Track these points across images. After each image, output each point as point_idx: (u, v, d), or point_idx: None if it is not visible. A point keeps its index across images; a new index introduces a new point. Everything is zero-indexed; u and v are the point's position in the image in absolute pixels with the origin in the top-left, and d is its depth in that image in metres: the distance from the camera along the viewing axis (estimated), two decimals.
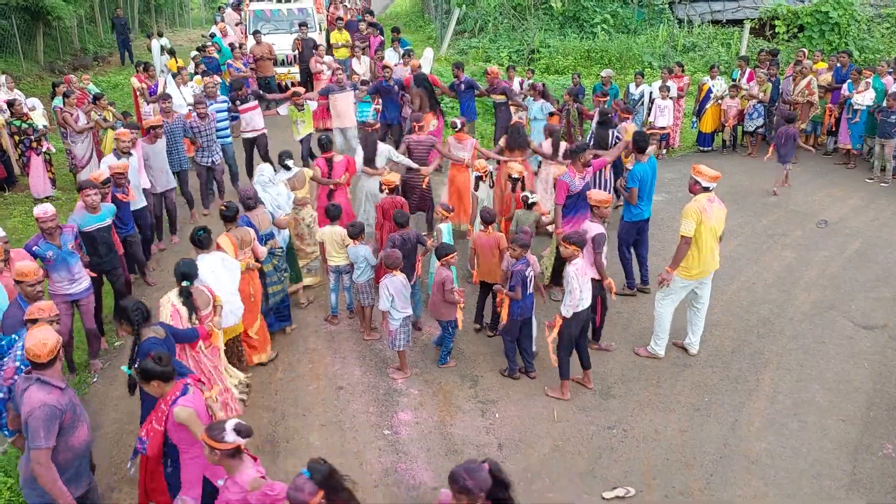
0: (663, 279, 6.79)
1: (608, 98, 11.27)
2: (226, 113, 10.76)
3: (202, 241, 6.20)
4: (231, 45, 15.20)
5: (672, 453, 5.89)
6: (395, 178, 8.04)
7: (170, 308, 5.56)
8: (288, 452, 5.95)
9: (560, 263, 7.57)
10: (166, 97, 9.94)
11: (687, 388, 6.69)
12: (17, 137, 10.86)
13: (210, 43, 14.99)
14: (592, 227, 6.67)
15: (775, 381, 6.78)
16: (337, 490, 3.58)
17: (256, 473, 3.94)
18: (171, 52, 15.38)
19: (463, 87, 11.68)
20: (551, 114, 10.83)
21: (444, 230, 7.51)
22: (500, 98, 11.52)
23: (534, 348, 6.99)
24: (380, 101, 11.80)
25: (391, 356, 7.12)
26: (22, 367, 4.78)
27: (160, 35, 18.24)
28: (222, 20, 16.80)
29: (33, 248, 6.38)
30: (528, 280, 6.49)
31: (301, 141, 11.51)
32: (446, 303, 6.73)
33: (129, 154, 8.49)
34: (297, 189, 8.10)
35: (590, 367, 6.70)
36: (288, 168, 8.19)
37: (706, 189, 6.64)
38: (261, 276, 7.01)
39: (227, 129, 10.78)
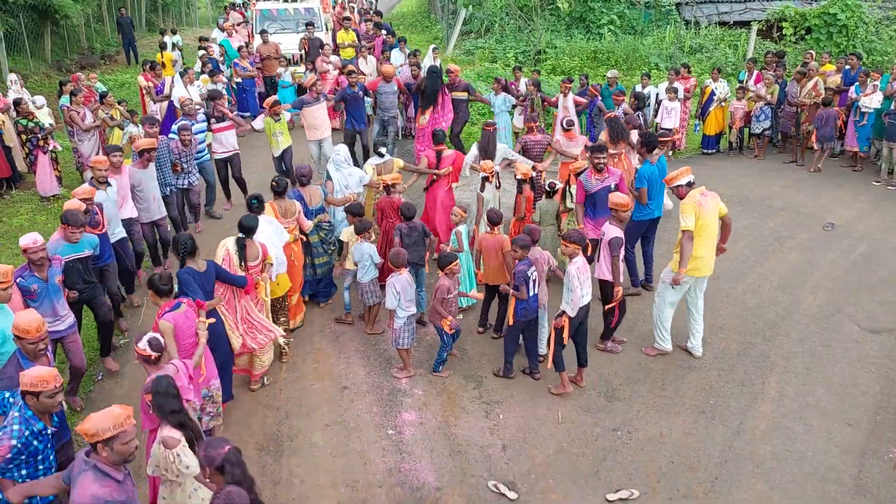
0: (677, 280, 6.76)
1: (623, 98, 11.51)
2: (204, 133, 10.03)
3: (255, 208, 6.91)
4: (238, 47, 15.18)
5: (677, 456, 5.87)
6: (397, 178, 8.06)
7: (223, 252, 6.35)
8: (291, 451, 5.96)
9: None
10: (153, 122, 9.10)
11: (692, 391, 6.67)
12: (24, 136, 10.90)
13: (214, 44, 15.00)
14: (610, 231, 6.70)
15: (781, 384, 6.75)
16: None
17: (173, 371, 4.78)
18: (179, 49, 15.47)
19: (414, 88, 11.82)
20: (514, 105, 11.86)
21: (463, 232, 7.51)
22: (461, 95, 11.77)
23: (541, 349, 6.98)
24: (345, 108, 11.43)
25: (396, 356, 7.11)
26: (18, 444, 4.11)
27: (173, 32, 18.31)
28: (228, 21, 16.76)
29: (18, 280, 5.71)
30: (533, 280, 6.48)
31: (279, 157, 10.70)
32: (448, 310, 6.67)
33: (107, 183, 7.59)
34: (381, 175, 8.39)
35: (586, 364, 6.69)
36: (381, 155, 8.76)
37: (690, 184, 6.81)
38: (307, 247, 7.70)
39: (203, 150, 10.04)
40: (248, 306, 6.39)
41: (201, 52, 14.81)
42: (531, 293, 6.48)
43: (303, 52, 16.00)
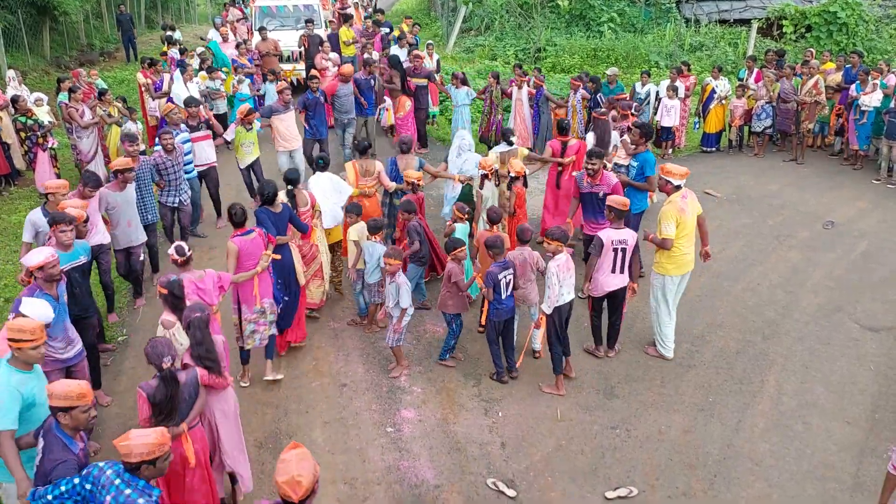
0: (647, 234, 6.88)
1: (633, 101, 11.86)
2: (190, 143, 9.29)
3: (320, 166, 8.11)
4: (237, 44, 15.06)
5: (675, 454, 5.87)
6: (418, 175, 8.11)
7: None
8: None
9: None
10: (133, 139, 8.24)
11: (691, 389, 6.67)
12: (22, 134, 10.85)
13: (204, 48, 14.93)
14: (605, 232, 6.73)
15: (780, 382, 6.75)
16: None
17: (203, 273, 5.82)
18: (172, 42, 15.42)
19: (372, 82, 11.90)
20: (474, 99, 12.31)
21: (459, 230, 7.51)
22: (422, 82, 12.20)
23: (536, 346, 7.07)
24: (306, 115, 10.95)
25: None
26: None
27: (173, 29, 18.27)
28: (223, 24, 16.53)
29: None
30: (506, 283, 6.46)
31: (247, 168, 10.17)
32: (451, 297, 6.76)
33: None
34: (504, 163, 8.53)
35: (569, 353, 6.72)
36: (511, 143, 9.06)
37: (678, 187, 6.80)
38: (392, 208, 8.34)
39: (191, 162, 9.32)
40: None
41: (200, 49, 14.78)
42: (502, 295, 6.47)
43: (302, 49, 15.97)
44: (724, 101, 12.88)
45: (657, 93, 12.71)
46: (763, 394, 6.58)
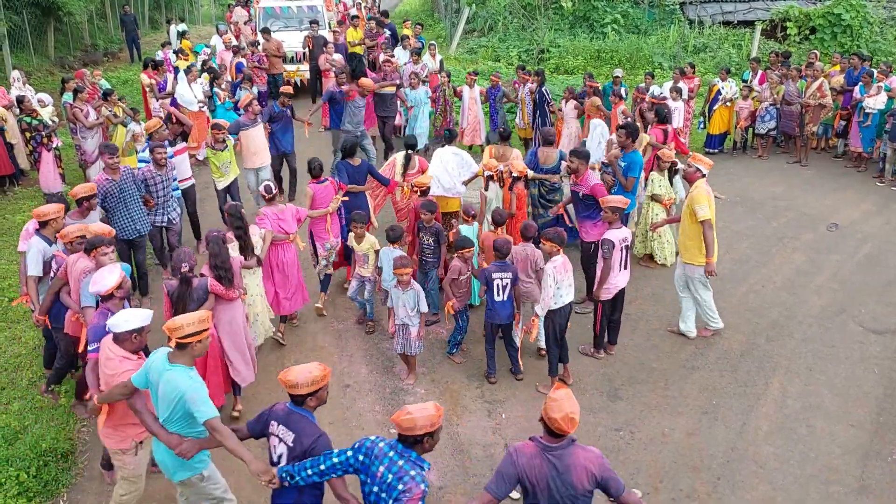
0: (711, 271, 6.91)
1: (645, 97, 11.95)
2: (173, 158, 8.72)
3: (447, 137, 9.21)
4: (237, 47, 14.98)
5: (679, 456, 5.86)
6: (429, 180, 8.09)
7: (391, 160, 9.02)
8: None
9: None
10: (112, 150, 7.61)
11: (695, 391, 6.66)
12: (28, 134, 10.87)
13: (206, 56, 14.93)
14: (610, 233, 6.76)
15: (784, 385, 6.74)
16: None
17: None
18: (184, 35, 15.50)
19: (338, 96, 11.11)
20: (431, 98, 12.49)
21: (465, 232, 7.46)
22: (391, 89, 11.96)
23: (542, 343, 7.04)
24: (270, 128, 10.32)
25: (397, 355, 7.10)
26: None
27: (181, 20, 18.32)
28: (227, 31, 16.34)
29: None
30: (500, 285, 6.45)
31: (224, 189, 9.37)
32: (457, 293, 6.83)
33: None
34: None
35: (566, 361, 6.73)
36: (506, 140, 9.20)
37: (703, 176, 7.02)
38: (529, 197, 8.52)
39: (176, 178, 8.68)
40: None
41: (207, 48, 14.84)
42: (495, 296, 6.47)
43: (306, 50, 15.99)
44: (729, 103, 12.86)
45: (660, 94, 12.69)
46: (767, 396, 6.56)
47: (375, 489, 3.68)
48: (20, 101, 10.92)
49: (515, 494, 5.41)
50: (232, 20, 18.56)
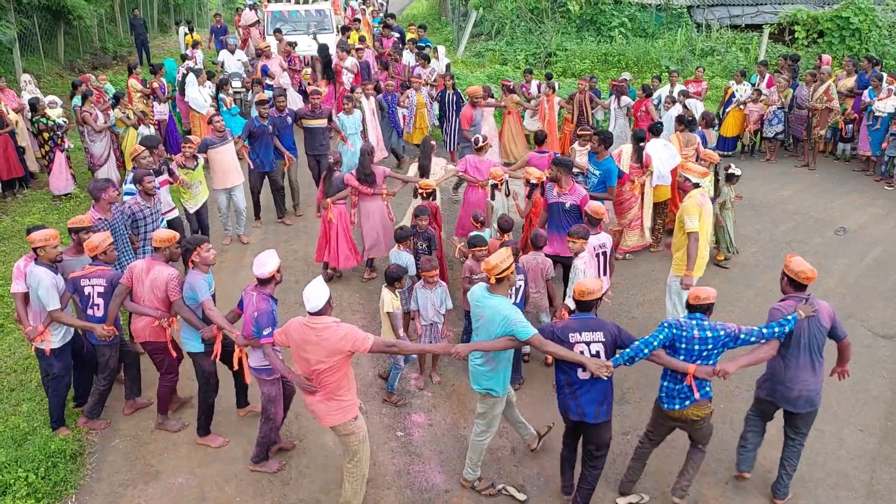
0: (687, 285, 6.75)
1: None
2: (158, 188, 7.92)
3: (656, 130, 9.57)
4: (260, 51, 14.92)
5: None
6: (433, 183, 8.12)
7: (619, 149, 9.26)
8: (301, 452, 5.97)
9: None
10: (142, 175, 7.16)
11: None
12: (45, 135, 10.91)
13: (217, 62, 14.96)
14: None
15: None
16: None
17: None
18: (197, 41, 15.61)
19: (289, 119, 10.22)
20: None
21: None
22: (320, 123, 10.35)
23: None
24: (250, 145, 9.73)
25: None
26: None
27: (188, 22, 18.44)
28: (236, 44, 16.01)
29: None
30: (516, 289, 6.42)
31: (196, 213, 8.89)
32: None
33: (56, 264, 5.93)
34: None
35: None
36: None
37: (696, 185, 6.94)
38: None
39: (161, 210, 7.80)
40: None
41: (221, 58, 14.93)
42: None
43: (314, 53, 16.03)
44: (742, 106, 12.84)
45: (665, 96, 12.68)
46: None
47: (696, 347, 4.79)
48: (34, 104, 11.00)
49: (522, 496, 5.44)
50: (240, 24, 18.63)
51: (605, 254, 6.68)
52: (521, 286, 6.47)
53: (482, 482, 5.51)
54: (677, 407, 4.97)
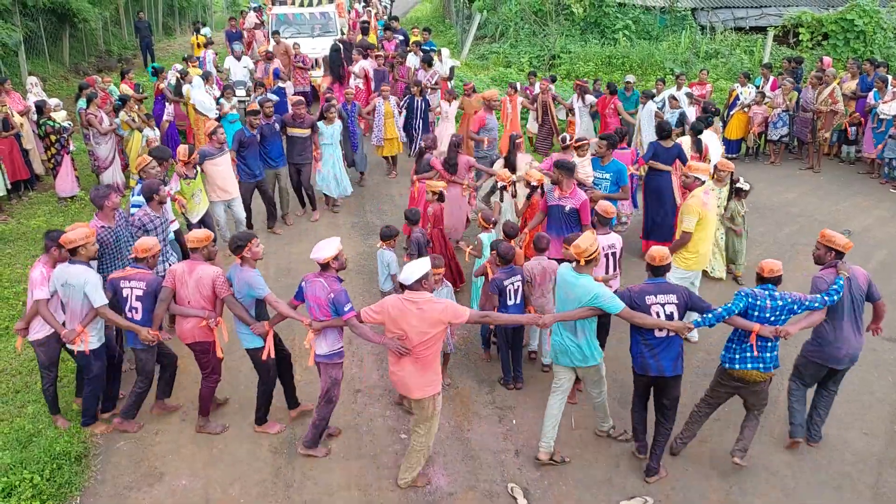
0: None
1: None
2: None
3: (707, 121, 10.01)
4: (271, 53, 14.93)
5: (691, 463, 5.83)
6: (443, 185, 8.17)
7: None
8: (304, 455, 5.97)
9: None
10: (156, 188, 7.07)
11: None
12: (53, 137, 10.93)
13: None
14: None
15: None
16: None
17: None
18: (211, 42, 15.70)
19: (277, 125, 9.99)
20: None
21: (485, 239, 7.46)
22: (303, 132, 10.07)
23: (546, 360, 7.06)
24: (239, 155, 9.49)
25: None
26: None
27: (204, 24, 18.54)
28: (242, 51, 15.62)
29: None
30: (513, 289, 6.46)
31: (200, 223, 8.55)
32: (483, 294, 6.95)
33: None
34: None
35: None
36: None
37: (703, 183, 7.09)
38: None
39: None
40: None
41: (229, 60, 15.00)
42: (507, 301, 6.47)
43: (321, 56, 16.07)
44: (747, 109, 12.83)
45: (668, 96, 12.69)
46: (779, 403, 6.52)
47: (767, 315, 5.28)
48: (40, 106, 11.03)
49: (524, 501, 5.44)
50: (245, 26, 18.69)
51: (614, 254, 6.66)
52: (518, 286, 6.48)
53: (616, 430, 6.15)
54: (738, 367, 5.38)
